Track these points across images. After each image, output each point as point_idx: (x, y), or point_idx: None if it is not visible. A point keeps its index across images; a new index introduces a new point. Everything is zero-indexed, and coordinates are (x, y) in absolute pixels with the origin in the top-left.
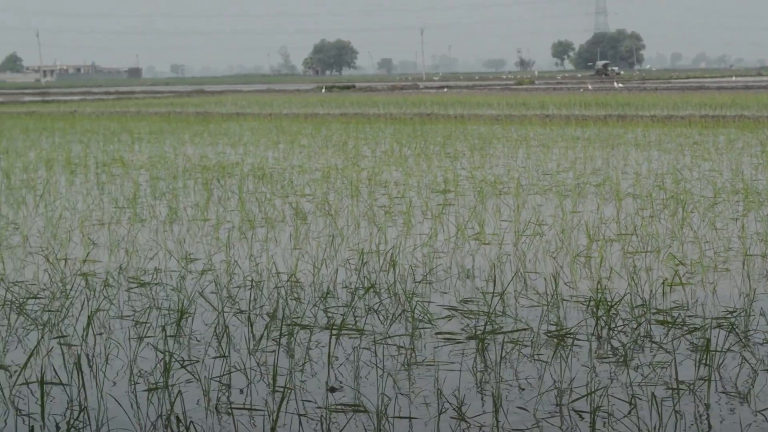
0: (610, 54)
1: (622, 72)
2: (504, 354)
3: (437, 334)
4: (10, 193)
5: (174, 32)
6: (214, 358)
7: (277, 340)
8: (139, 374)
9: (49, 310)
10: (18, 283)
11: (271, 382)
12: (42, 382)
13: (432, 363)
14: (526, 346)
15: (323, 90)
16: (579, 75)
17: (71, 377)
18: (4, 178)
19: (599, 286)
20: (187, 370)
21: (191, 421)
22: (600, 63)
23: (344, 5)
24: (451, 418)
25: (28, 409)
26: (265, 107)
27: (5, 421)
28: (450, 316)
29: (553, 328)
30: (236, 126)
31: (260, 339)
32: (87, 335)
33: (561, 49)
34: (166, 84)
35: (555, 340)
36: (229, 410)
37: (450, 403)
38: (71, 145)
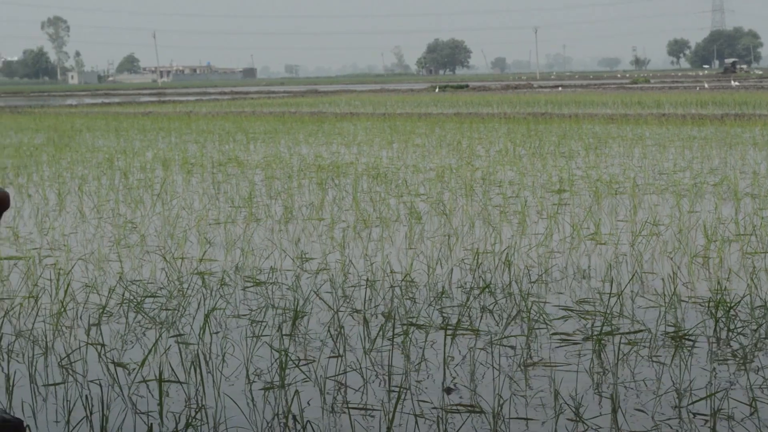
0: (727, 52)
1: (751, 70)
2: (621, 355)
3: (553, 334)
4: (128, 193)
5: (288, 32)
6: (330, 357)
7: (393, 339)
8: (255, 373)
9: (166, 309)
10: (136, 281)
11: (387, 381)
12: (160, 380)
13: (548, 364)
14: (644, 347)
15: (437, 89)
16: (700, 73)
17: (188, 375)
18: (122, 178)
19: (718, 287)
20: (301, 369)
21: (308, 421)
22: (729, 61)
23: (458, 5)
24: (568, 419)
25: (147, 407)
26: (378, 107)
27: (124, 418)
28: (566, 317)
29: (671, 329)
30: (350, 125)
31: (375, 338)
32: (204, 334)
33: (676, 47)
34: (280, 84)
35: (673, 341)
36: (345, 410)
37: (567, 405)
38: (187, 145)
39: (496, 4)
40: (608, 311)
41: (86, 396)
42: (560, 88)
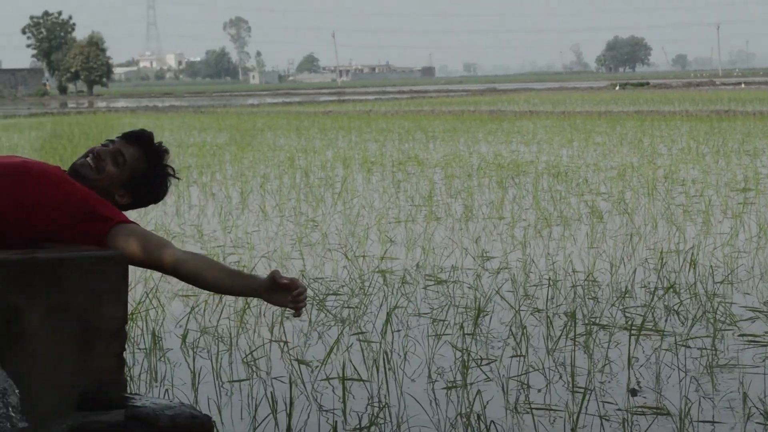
0: None
1: None
2: None
3: (740, 336)
4: (309, 191)
5: (467, 31)
6: (512, 356)
7: (575, 339)
8: (437, 372)
9: (348, 307)
10: (318, 279)
11: (570, 382)
12: (343, 378)
13: (735, 366)
14: None
15: (617, 87)
16: None
17: (371, 374)
18: (303, 176)
19: None
20: (481, 370)
21: (492, 421)
22: None
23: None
24: (758, 423)
25: (332, 404)
26: (557, 105)
27: (308, 415)
28: (753, 318)
29: None
30: (529, 124)
31: (558, 338)
32: (385, 332)
33: None
34: (459, 83)
35: None
36: (529, 410)
37: (756, 408)
38: (367, 143)
39: (677, 1)
40: None
41: (270, 393)
42: (743, 85)
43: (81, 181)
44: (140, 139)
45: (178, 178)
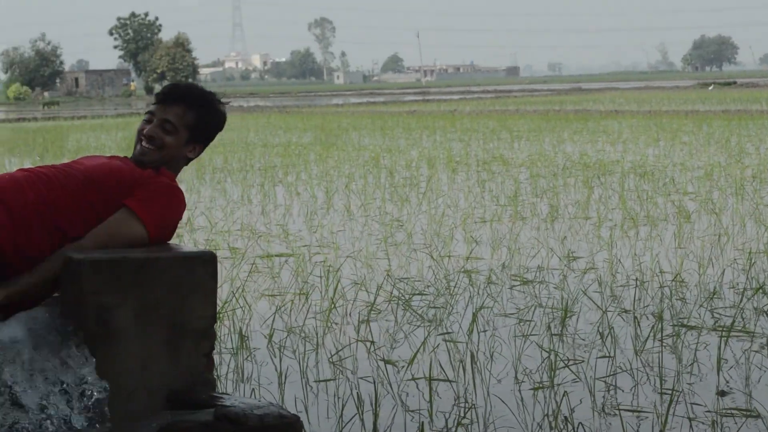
0: None
1: None
2: None
3: None
4: (394, 191)
5: (551, 30)
6: (599, 357)
7: (663, 340)
8: (523, 373)
9: (434, 307)
10: (403, 279)
11: (658, 383)
12: (430, 379)
13: None
14: None
15: (711, 87)
16: None
17: (457, 374)
18: (388, 176)
19: None
20: (570, 369)
21: (579, 423)
22: None
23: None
24: None
25: (418, 405)
26: (643, 104)
27: (394, 415)
28: None
29: None
30: (615, 123)
31: (646, 339)
32: (472, 332)
33: None
34: (543, 82)
35: None
36: (616, 411)
37: None
38: (451, 143)
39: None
40: None
41: (356, 393)
42: None
43: (149, 166)
44: (174, 96)
45: (227, 102)
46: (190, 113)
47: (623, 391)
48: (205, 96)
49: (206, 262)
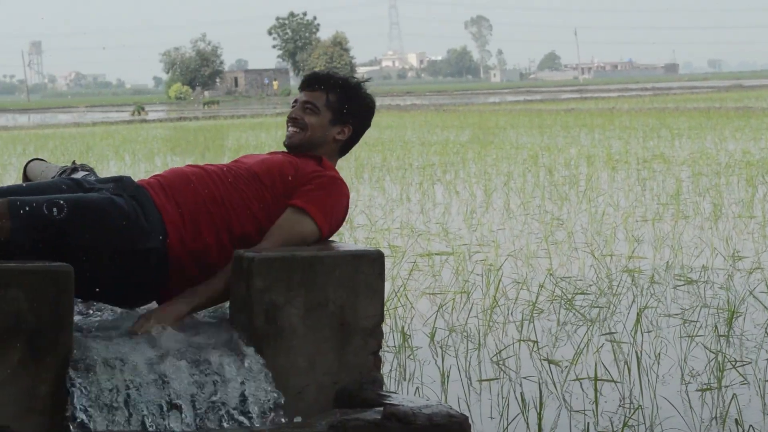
0: None
1: None
2: None
3: None
4: (553, 189)
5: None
6: None
7: None
8: (690, 374)
9: (596, 306)
10: (565, 278)
11: None
12: (595, 379)
13: None
14: None
15: None
16: None
17: (622, 375)
18: (546, 174)
19: None
20: (738, 371)
21: (750, 426)
22: None
23: None
24: None
25: (582, 405)
26: None
27: (558, 416)
28: None
29: None
30: None
31: None
32: (636, 332)
33: None
34: (703, 79)
35: None
36: None
37: None
38: (610, 141)
39: None
40: None
41: (520, 393)
42: None
43: (299, 150)
44: (317, 81)
45: (368, 80)
46: (331, 94)
47: None
48: (345, 79)
49: (374, 260)
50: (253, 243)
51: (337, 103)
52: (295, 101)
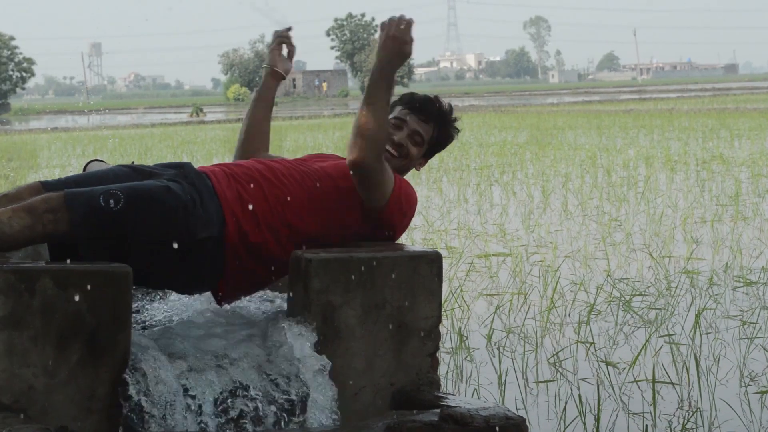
0: None
1: None
2: None
3: None
4: (611, 190)
5: None
6: None
7: None
8: (749, 376)
9: (654, 308)
10: (623, 279)
11: None
12: (653, 381)
13: None
14: None
15: None
16: None
17: (680, 377)
18: (604, 175)
19: None
20: None
21: None
22: None
23: None
24: None
25: (641, 408)
26: None
27: (616, 418)
28: None
29: None
30: None
31: None
32: (694, 334)
33: None
34: (763, 80)
35: None
36: None
37: None
38: (669, 142)
39: None
40: None
41: (577, 394)
42: None
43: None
44: (428, 112)
45: (459, 130)
46: (437, 131)
47: None
48: (450, 117)
49: (432, 261)
50: (313, 242)
51: (437, 139)
52: (400, 120)
